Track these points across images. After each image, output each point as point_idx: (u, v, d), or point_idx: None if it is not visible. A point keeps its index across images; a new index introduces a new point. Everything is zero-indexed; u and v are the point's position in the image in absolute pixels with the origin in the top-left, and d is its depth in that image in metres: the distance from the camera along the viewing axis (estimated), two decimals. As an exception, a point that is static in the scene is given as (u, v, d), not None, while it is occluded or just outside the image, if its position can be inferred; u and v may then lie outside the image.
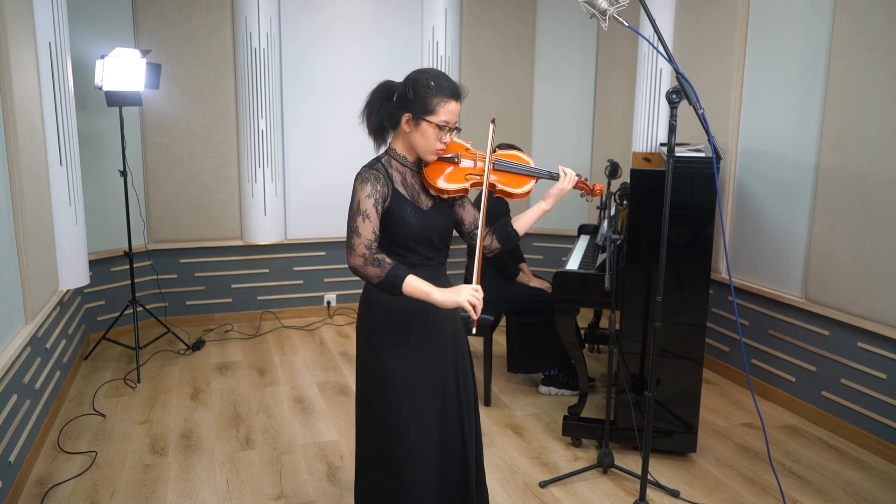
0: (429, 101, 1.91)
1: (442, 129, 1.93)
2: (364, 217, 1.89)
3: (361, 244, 1.87)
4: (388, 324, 2.01)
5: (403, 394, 2.00)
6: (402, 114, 1.95)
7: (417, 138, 1.95)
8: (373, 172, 1.94)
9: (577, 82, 5.42)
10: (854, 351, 3.36)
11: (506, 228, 2.14)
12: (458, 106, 1.95)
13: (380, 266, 1.85)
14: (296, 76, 4.99)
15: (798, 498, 2.91)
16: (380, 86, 2.00)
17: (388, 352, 2.01)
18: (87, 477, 3.00)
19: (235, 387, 4.01)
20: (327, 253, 5.33)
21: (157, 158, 4.78)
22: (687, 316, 3.03)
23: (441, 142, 1.96)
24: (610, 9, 2.33)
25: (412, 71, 2.00)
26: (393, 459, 2.01)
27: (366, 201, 1.90)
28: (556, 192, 2.12)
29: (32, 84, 3.33)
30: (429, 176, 2.01)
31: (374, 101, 2.00)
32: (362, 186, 1.91)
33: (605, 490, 2.94)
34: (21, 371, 2.99)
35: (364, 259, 1.86)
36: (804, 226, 3.58)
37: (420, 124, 1.93)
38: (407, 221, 1.95)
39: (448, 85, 1.94)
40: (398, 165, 2.01)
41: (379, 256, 1.87)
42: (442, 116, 1.92)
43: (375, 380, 2.03)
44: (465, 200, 2.15)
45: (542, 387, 3.93)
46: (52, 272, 3.57)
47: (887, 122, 3.09)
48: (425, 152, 1.98)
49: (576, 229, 4.55)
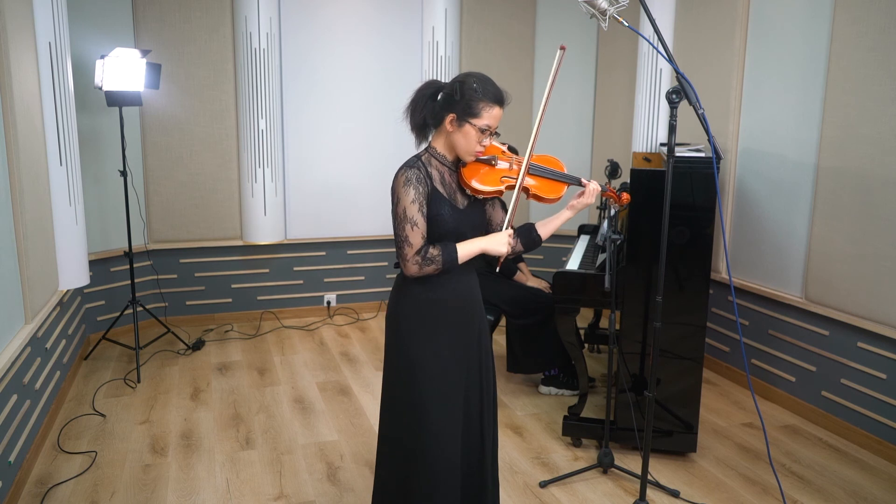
0: (474, 104, 1.96)
1: (484, 133, 1.99)
2: (412, 225, 1.95)
3: (412, 253, 1.96)
4: (418, 317, 2.06)
5: (432, 384, 2.05)
6: (446, 114, 2.00)
7: (459, 139, 2.01)
8: (414, 172, 1.98)
9: (577, 82, 5.42)
10: (854, 351, 3.36)
11: (531, 234, 2.19)
12: (501, 112, 2.01)
13: (433, 262, 1.96)
14: (296, 76, 4.99)
15: (798, 498, 2.91)
16: (426, 84, 2.06)
17: (419, 343, 2.06)
18: (87, 477, 3.00)
19: (235, 387, 4.01)
20: (327, 253, 5.33)
21: (157, 158, 4.78)
22: (687, 316, 3.03)
23: (481, 144, 2.01)
24: (610, 9, 2.33)
25: (460, 73, 2.06)
26: (419, 447, 2.06)
27: (411, 208, 1.95)
28: (580, 205, 2.21)
29: (32, 84, 3.33)
30: (466, 176, 2.06)
31: (420, 99, 2.05)
32: (406, 191, 1.96)
33: (605, 490, 2.94)
34: (21, 371, 2.99)
35: (419, 265, 1.96)
36: (804, 226, 3.58)
37: (463, 126, 1.98)
38: (444, 219, 2.00)
39: (494, 90, 1.99)
40: (437, 164, 2.06)
41: (429, 255, 1.96)
42: (485, 120, 1.98)
43: (405, 369, 2.08)
44: (496, 202, 2.22)
45: (542, 387, 3.93)
46: (52, 272, 3.57)
47: (887, 122, 3.09)
48: (465, 153, 2.03)
49: (576, 229, 4.55)
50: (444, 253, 1.97)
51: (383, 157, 5.26)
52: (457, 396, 2.09)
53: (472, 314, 2.14)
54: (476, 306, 2.16)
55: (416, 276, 1.98)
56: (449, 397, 2.07)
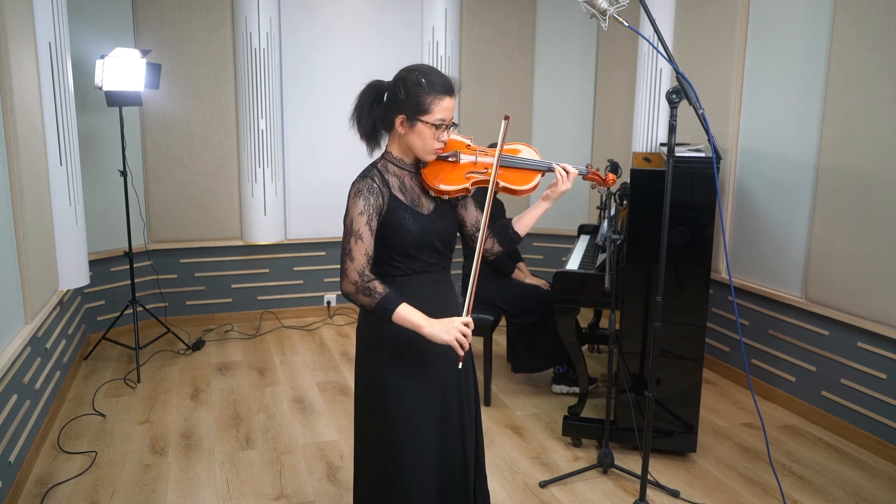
0: (422, 99, 1.82)
1: (439, 128, 1.84)
2: (357, 238, 1.82)
3: (353, 270, 1.82)
4: (387, 330, 1.91)
5: (403, 401, 1.95)
6: (395, 115, 1.86)
7: (414, 139, 1.87)
8: (366, 183, 1.85)
9: (577, 82, 5.42)
10: (854, 351, 3.36)
11: (507, 231, 2.05)
12: (453, 101, 1.86)
13: (370, 296, 1.81)
14: (296, 76, 4.99)
15: (798, 498, 2.91)
16: (368, 87, 1.91)
17: (388, 358, 1.95)
18: (87, 477, 3.00)
19: (235, 387, 4.01)
20: (327, 253, 5.33)
21: (157, 158, 4.78)
22: (687, 316, 3.03)
23: (439, 140, 1.87)
24: (610, 9, 2.33)
25: (400, 69, 1.90)
26: (393, 467, 1.97)
27: (358, 220, 1.83)
28: (555, 193, 2.00)
29: (32, 84, 3.33)
30: (428, 177, 1.91)
31: (364, 104, 1.91)
32: (355, 202, 1.84)
33: (605, 490, 2.94)
34: (21, 371, 2.99)
35: (356, 287, 1.82)
36: (804, 226, 3.58)
37: (415, 125, 1.84)
38: (406, 228, 1.87)
39: (440, 80, 1.84)
40: (395, 169, 1.93)
41: (370, 285, 1.82)
42: (437, 115, 1.83)
43: (375, 386, 1.98)
44: (467, 200, 2.08)
45: (554, 386, 3.93)
46: (52, 272, 3.57)
47: (887, 122, 3.09)
48: (423, 153, 1.89)
49: (576, 229, 4.55)
50: (385, 298, 1.80)
51: (383, 157, 5.25)
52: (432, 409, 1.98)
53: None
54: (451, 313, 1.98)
55: (350, 296, 1.84)
56: (421, 412, 1.96)
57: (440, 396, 2.00)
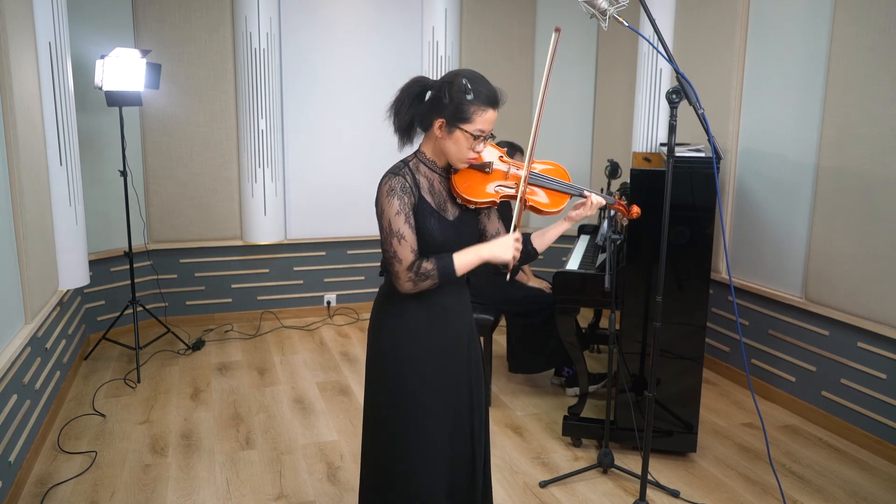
0: (465, 107, 1.78)
1: (476, 139, 1.82)
2: (399, 238, 1.79)
3: (403, 270, 1.81)
4: (401, 330, 1.93)
5: (416, 400, 1.94)
6: (435, 118, 1.83)
7: (449, 145, 1.84)
8: (399, 181, 1.82)
9: (577, 82, 5.42)
10: (854, 351, 3.36)
11: (526, 246, 2.05)
12: (496, 114, 1.83)
13: (428, 277, 1.81)
14: (296, 76, 4.99)
15: (798, 498, 2.91)
16: (412, 82, 1.88)
17: (402, 358, 1.94)
18: (87, 477, 3.00)
19: (235, 387, 4.01)
20: (327, 253, 5.33)
21: (157, 158, 4.78)
22: (687, 316, 3.03)
23: (474, 151, 1.84)
24: (610, 9, 2.33)
25: (448, 72, 1.87)
26: (403, 466, 1.97)
27: (396, 220, 1.79)
28: (578, 216, 2.02)
29: (32, 84, 3.33)
30: (457, 184, 1.89)
31: (405, 98, 1.87)
32: (390, 202, 1.80)
33: (605, 490, 2.94)
34: (21, 371, 2.99)
35: (413, 282, 1.81)
36: (804, 226, 3.58)
37: (453, 132, 1.81)
38: (431, 234, 1.86)
39: (486, 91, 1.81)
40: (426, 170, 1.90)
41: (422, 271, 1.81)
42: (478, 125, 1.80)
43: (387, 385, 1.97)
44: (491, 210, 2.07)
45: (567, 390, 3.92)
46: (52, 272, 3.57)
47: (887, 122, 3.09)
48: (456, 160, 1.87)
49: (576, 229, 4.55)
50: (438, 266, 1.80)
51: (383, 156, 5.22)
52: (444, 409, 1.97)
53: (460, 326, 2.01)
54: (465, 317, 2.04)
55: (411, 293, 1.83)
56: (433, 411, 1.95)
57: (455, 393, 2.01)
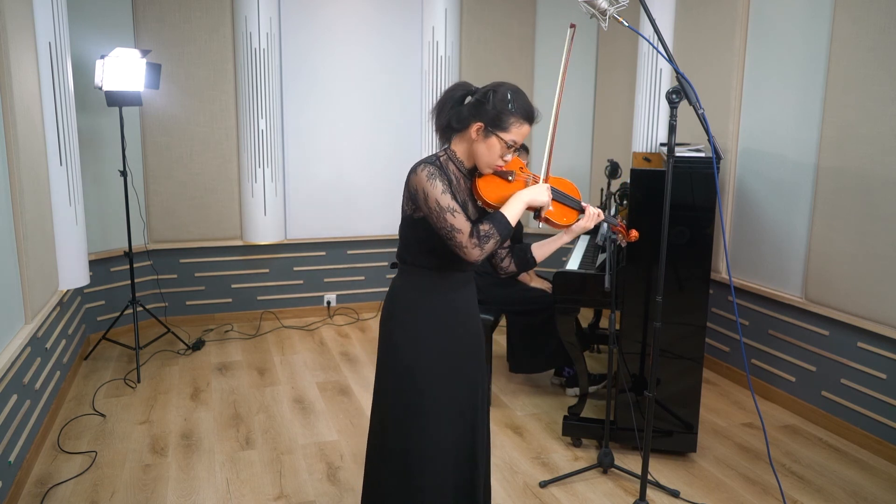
0: (505, 117, 1.89)
1: (509, 148, 1.92)
2: (452, 213, 1.85)
3: (466, 237, 1.85)
4: (415, 323, 2.00)
5: (426, 392, 1.99)
6: (474, 121, 1.92)
7: (482, 150, 1.93)
8: (435, 168, 1.91)
9: (577, 82, 5.42)
10: (854, 351, 3.36)
11: (525, 255, 2.15)
12: (530, 129, 1.95)
13: (490, 237, 1.87)
14: (296, 76, 4.99)
15: (798, 498, 2.91)
16: (456, 85, 1.99)
17: (416, 349, 2.00)
18: (87, 477, 3.00)
19: (235, 387, 4.01)
20: (327, 253, 5.33)
21: (157, 158, 4.78)
22: (687, 316, 3.03)
23: (503, 159, 1.94)
24: (610, 9, 2.33)
25: (493, 81, 1.97)
26: (410, 459, 2.01)
27: (443, 198, 1.86)
28: (578, 229, 2.11)
29: (32, 84, 3.33)
30: (480, 187, 1.97)
31: (448, 100, 1.97)
32: (433, 183, 1.87)
33: (605, 490, 2.94)
34: (21, 371, 2.99)
35: (479, 247, 1.86)
36: (804, 226, 3.58)
37: (490, 137, 1.91)
38: None
39: (526, 106, 1.93)
40: (454, 168, 1.99)
41: (482, 233, 1.86)
42: (513, 136, 1.91)
43: (399, 377, 2.02)
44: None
45: (567, 390, 3.92)
46: (52, 272, 3.57)
47: (887, 122, 3.09)
48: (485, 165, 1.95)
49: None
50: (495, 223, 1.87)
51: (383, 156, 5.27)
52: (451, 403, 2.04)
53: (467, 323, 2.07)
54: (473, 316, 2.10)
55: (480, 258, 1.88)
56: (446, 404, 2.02)
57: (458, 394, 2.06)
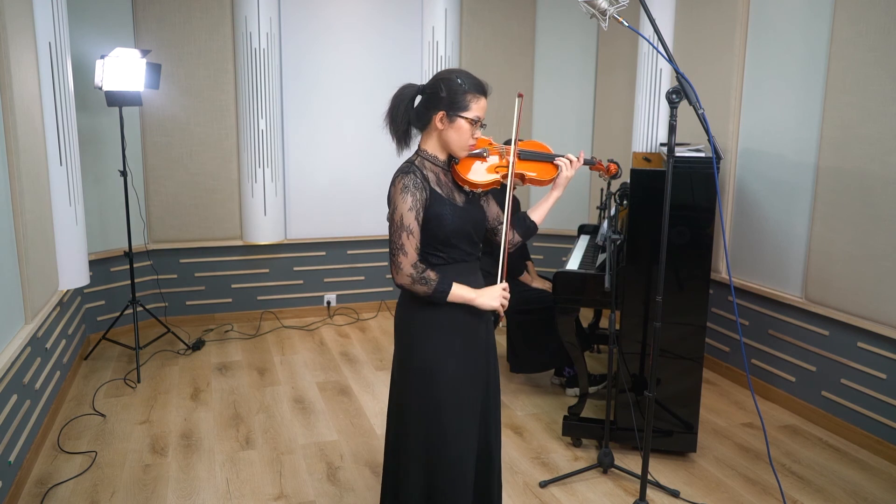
0: (461, 97, 1.96)
1: (475, 125, 2.00)
2: (408, 234, 1.94)
3: (408, 264, 1.95)
4: (430, 322, 2.05)
5: (447, 392, 2.04)
6: (434, 112, 1.99)
7: (452, 134, 1.99)
8: (411, 178, 1.96)
9: (577, 82, 5.42)
10: (854, 351, 3.36)
11: (524, 221, 2.22)
12: (486, 101, 2.02)
13: (426, 284, 1.96)
14: (296, 76, 4.99)
15: (798, 498, 2.91)
16: (401, 90, 2.03)
17: (433, 347, 2.04)
18: (87, 477, 3.00)
19: (235, 387, 4.01)
20: (327, 253, 5.33)
21: (157, 158, 4.78)
22: (687, 316, 3.03)
23: (473, 137, 2.01)
24: (610, 9, 2.33)
25: (439, 71, 2.07)
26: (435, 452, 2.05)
27: (408, 215, 1.93)
28: (563, 180, 2.20)
29: (32, 84, 3.33)
30: (461, 172, 2.06)
31: (399, 105, 2.02)
32: (403, 198, 1.94)
33: (605, 490, 2.94)
34: (21, 371, 2.99)
35: (412, 279, 1.95)
36: (804, 226, 3.58)
37: (455, 120, 1.98)
38: (447, 219, 1.99)
39: (477, 82, 2.00)
40: (431, 165, 2.04)
41: (425, 275, 1.96)
42: (475, 112, 1.98)
43: (420, 377, 2.06)
44: (489, 196, 2.21)
45: (567, 390, 3.92)
46: (52, 272, 3.57)
47: (887, 122, 3.09)
48: (459, 148, 2.02)
49: (576, 229, 4.55)
50: (439, 283, 1.97)
51: (383, 156, 5.24)
52: (470, 401, 2.08)
53: (479, 321, 2.12)
54: (484, 314, 2.14)
55: (406, 287, 1.98)
56: (463, 401, 2.06)
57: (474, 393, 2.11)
